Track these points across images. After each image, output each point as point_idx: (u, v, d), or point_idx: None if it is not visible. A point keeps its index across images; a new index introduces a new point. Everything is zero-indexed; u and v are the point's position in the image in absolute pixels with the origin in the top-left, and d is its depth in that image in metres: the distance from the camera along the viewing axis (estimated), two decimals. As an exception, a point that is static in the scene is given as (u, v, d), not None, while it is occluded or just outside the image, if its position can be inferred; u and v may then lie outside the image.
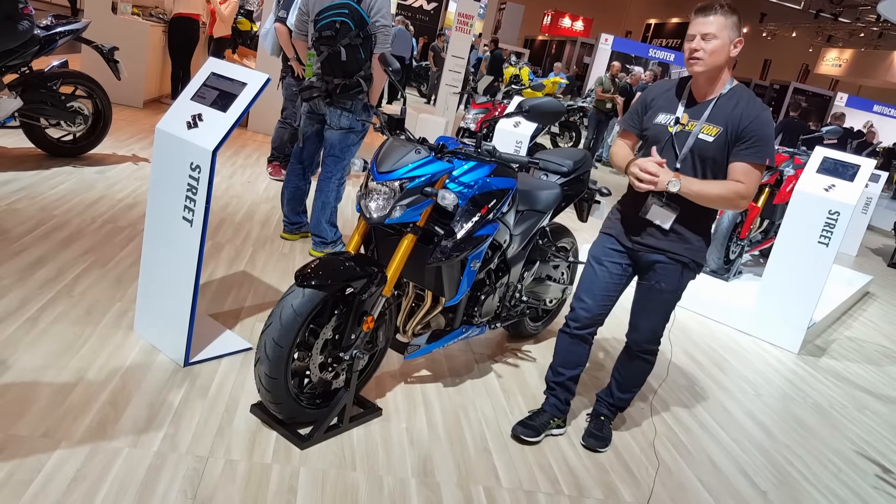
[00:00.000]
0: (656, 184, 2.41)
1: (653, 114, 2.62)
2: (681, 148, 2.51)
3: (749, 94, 2.52)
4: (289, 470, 2.28)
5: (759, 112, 2.44)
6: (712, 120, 2.48)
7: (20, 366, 2.52)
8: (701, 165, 2.50)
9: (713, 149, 2.47)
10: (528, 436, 2.76)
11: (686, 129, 2.52)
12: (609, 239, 2.73)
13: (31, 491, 1.95)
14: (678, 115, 2.55)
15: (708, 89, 2.53)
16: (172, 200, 2.63)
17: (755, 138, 2.42)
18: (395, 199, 2.42)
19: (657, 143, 2.57)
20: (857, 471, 3.20)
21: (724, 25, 2.41)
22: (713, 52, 2.42)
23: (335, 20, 3.67)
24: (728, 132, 2.44)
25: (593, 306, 2.71)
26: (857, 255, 8.69)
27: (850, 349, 4.95)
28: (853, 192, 4.32)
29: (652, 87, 2.75)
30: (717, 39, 2.41)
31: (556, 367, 2.85)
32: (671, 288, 2.64)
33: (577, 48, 23.17)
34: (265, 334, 2.30)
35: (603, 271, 2.70)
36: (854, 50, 24.07)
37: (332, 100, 3.91)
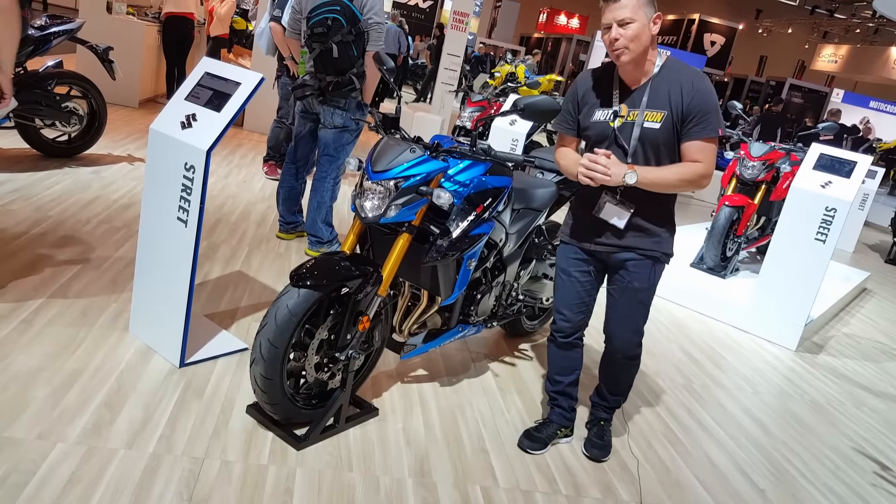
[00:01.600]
0: (610, 177, 2.27)
1: (588, 111, 2.47)
2: (628, 141, 2.38)
3: (681, 66, 2.38)
4: (285, 471, 2.27)
5: (698, 85, 2.31)
6: (652, 105, 2.34)
7: (15, 367, 2.51)
8: (654, 154, 2.38)
9: (662, 135, 2.34)
10: (534, 449, 2.71)
11: (628, 121, 2.37)
12: (570, 248, 2.62)
13: (26, 493, 1.95)
14: (615, 108, 2.40)
15: (637, 74, 2.38)
16: (167, 201, 2.62)
17: (701, 112, 2.29)
18: (391, 198, 2.41)
19: (601, 143, 2.44)
20: (855, 468, 3.20)
21: (637, 6, 2.24)
22: (635, 38, 2.26)
23: (327, 17, 3.66)
24: (673, 114, 2.31)
25: (572, 316, 2.65)
26: (855, 251, 8.70)
27: (848, 346, 4.95)
28: (850, 188, 4.32)
29: (577, 82, 2.56)
30: (635, 22, 2.25)
31: (552, 377, 2.80)
32: (645, 285, 2.52)
33: (573, 46, 23.15)
34: (260, 335, 2.29)
35: (572, 281, 2.61)
36: (850, 46, 24.08)
37: (325, 98, 3.90)
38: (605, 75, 2.49)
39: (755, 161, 5.36)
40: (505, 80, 10.91)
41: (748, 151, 5.44)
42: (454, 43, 9.73)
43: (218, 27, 8.50)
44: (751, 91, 21.95)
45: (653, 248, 2.49)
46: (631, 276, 2.52)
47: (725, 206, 5.24)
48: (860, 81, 24.36)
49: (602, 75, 2.51)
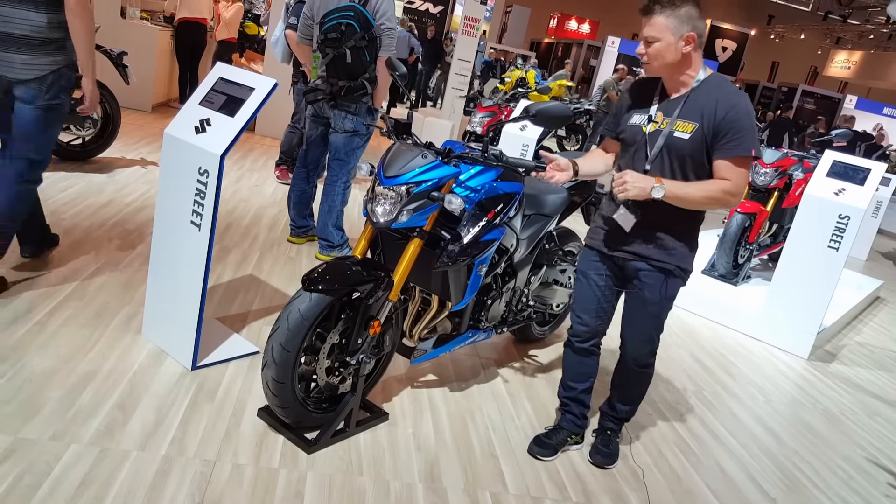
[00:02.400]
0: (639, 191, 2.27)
1: (628, 115, 2.52)
2: (651, 148, 2.40)
3: (722, 82, 2.39)
4: (296, 474, 2.27)
5: (735, 101, 2.30)
6: (685, 116, 2.35)
7: (29, 368, 2.53)
8: (679, 165, 2.38)
9: (689, 146, 2.34)
10: (544, 455, 2.71)
11: (660, 128, 2.40)
12: (591, 251, 2.63)
13: (39, 494, 1.96)
14: (651, 113, 2.44)
15: (676, 84, 2.41)
16: (180, 204, 2.63)
17: (734, 130, 2.28)
18: (402, 203, 2.42)
19: (631, 146, 2.47)
20: (868, 478, 3.18)
21: (664, 26, 2.29)
22: (657, 55, 2.32)
23: (340, 22, 3.67)
24: (704, 127, 2.31)
25: (590, 321, 2.65)
26: (868, 259, 8.63)
27: (861, 354, 4.92)
28: (864, 195, 4.29)
29: (629, 88, 2.64)
30: (659, 42, 2.31)
31: (566, 382, 2.79)
32: (655, 298, 2.51)
33: (584, 51, 23.15)
34: (272, 338, 2.30)
35: (592, 285, 2.62)
36: (863, 52, 23.94)
37: (336, 102, 3.92)
38: (653, 82, 2.52)
39: (768, 168, 5.34)
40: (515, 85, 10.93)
41: (760, 158, 5.41)
42: (465, 48, 9.75)
43: (224, 31, 8.53)
44: (763, 97, 21.87)
45: (666, 260, 2.47)
46: (642, 286, 2.52)
47: (737, 212, 5.21)
48: (874, 88, 24.21)
49: (650, 82, 2.54)
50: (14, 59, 2.81)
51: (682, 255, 2.49)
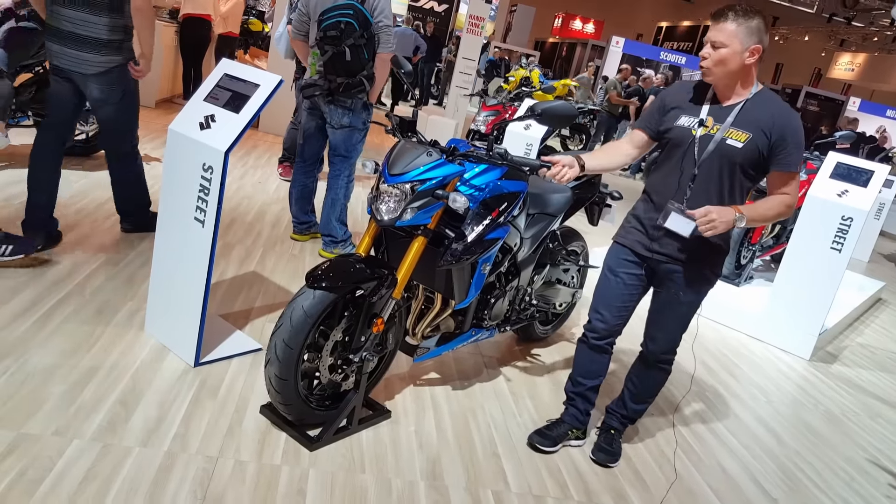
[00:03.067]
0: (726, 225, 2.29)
1: (674, 115, 2.51)
2: (701, 153, 2.42)
3: (777, 99, 2.44)
4: (298, 471, 2.28)
5: (792, 119, 2.36)
6: (739, 125, 2.38)
7: (32, 364, 2.54)
8: (728, 172, 2.41)
9: (741, 155, 2.37)
10: (543, 445, 2.74)
11: (710, 133, 2.42)
12: (623, 249, 2.64)
13: (42, 489, 1.96)
14: (702, 117, 2.45)
15: (729, 93, 2.44)
16: (184, 201, 2.64)
17: (792, 145, 2.34)
18: (407, 201, 2.42)
19: (679, 147, 2.47)
20: (869, 479, 3.18)
21: (734, 34, 2.31)
22: (720, 62, 2.35)
23: (340, 21, 3.69)
24: (758, 140, 2.35)
25: (610, 318, 2.66)
26: (870, 260, 8.62)
27: (863, 356, 4.91)
28: (867, 197, 4.29)
29: (672, 88, 2.65)
30: (726, 48, 2.33)
31: (575, 378, 2.81)
32: (690, 299, 2.57)
33: (588, 51, 23.12)
34: (275, 335, 2.30)
35: (618, 282, 2.63)
36: (867, 54, 23.90)
37: (332, 98, 3.94)
38: (703, 85, 2.52)
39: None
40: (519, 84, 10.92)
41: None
42: (469, 47, 9.74)
43: (221, 25, 8.50)
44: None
45: (704, 265, 2.53)
46: (678, 289, 2.55)
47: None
48: (877, 90, 24.17)
49: (699, 85, 2.54)
50: (84, 56, 3.28)
51: (716, 260, 2.56)
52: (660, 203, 2.51)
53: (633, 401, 2.82)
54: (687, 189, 2.45)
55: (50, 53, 3.34)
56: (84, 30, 3.23)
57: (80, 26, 3.22)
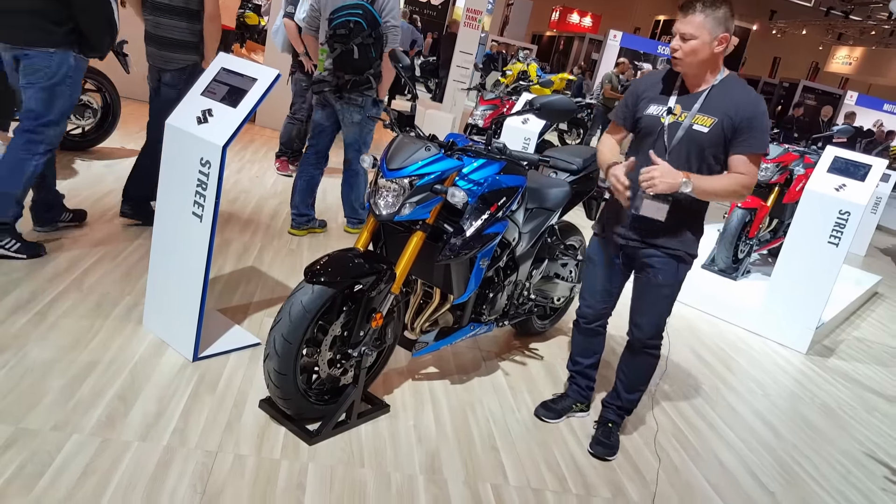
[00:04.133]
0: (668, 186, 2.35)
1: (644, 105, 2.60)
2: (671, 139, 2.49)
3: (742, 83, 2.51)
4: (297, 466, 2.28)
5: (755, 103, 2.43)
6: (706, 110, 2.46)
7: (30, 358, 2.53)
8: (696, 156, 2.47)
9: (707, 139, 2.44)
10: (548, 417, 2.93)
11: (679, 120, 2.49)
12: (602, 239, 2.76)
13: (41, 484, 1.97)
14: (670, 105, 2.52)
15: (698, 81, 2.51)
16: (182, 196, 2.63)
17: (753, 129, 2.41)
18: (405, 196, 2.42)
19: (650, 136, 2.55)
20: (865, 472, 3.19)
21: (702, 25, 2.37)
22: (690, 52, 2.40)
23: (349, 20, 3.81)
24: (724, 124, 2.42)
25: (595, 304, 2.82)
26: (866, 255, 8.64)
27: (859, 350, 4.93)
28: (864, 191, 4.30)
29: (642, 79, 2.73)
30: (696, 39, 2.38)
31: (574, 358, 2.99)
32: (669, 282, 2.63)
33: (586, 44, 23.09)
34: (274, 330, 2.30)
35: (599, 270, 2.76)
36: (865, 48, 23.90)
37: (342, 95, 4.06)
38: (671, 75, 2.60)
39: (769, 163, 5.34)
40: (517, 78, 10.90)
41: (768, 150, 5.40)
42: (466, 41, 9.71)
43: None
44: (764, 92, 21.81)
45: (678, 247, 2.58)
46: (655, 273, 2.62)
47: (738, 207, 5.22)
48: (874, 84, 24.19)
49: (667, 75, 2.62)
50: (168, 56, 3.81)
51: (691, 242, 2.62)
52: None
53: (626, 390, 2.87)
54: None
55: (147, 53, 3.92)
56: (170, 33, 3.79)
57: (167, 30, 3.79)
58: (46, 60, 3.17)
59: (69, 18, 3.17)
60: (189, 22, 3.76)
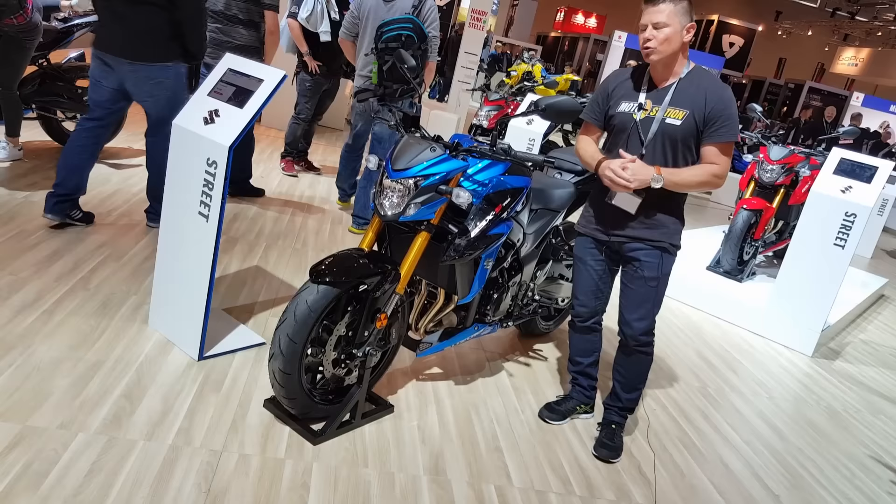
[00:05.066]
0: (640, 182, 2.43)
1: (615, 103, 2.63)
2: (646, 134, 2.53)
3: (708, 74, 2.55)
4: (301, 465, 2.29)
5: (722, 92, 2.47)
6: (676, 103, 2.50)
7: (37, 357, 2.55)
8: (671, 149, 2.52)
9: (681, 132, 2.49)
10: (553, 419, 2.93)
11: (651, 115, 2.53)
12: (586, 238, 2.78)
13: (48, 482, 1.98)
14: (641, 101, 2.56)
15: (666, 74, 2.55)
16: (188, 196, 2.64)
17: (723, 118, 2.45)
18: (410, 196, 2.42)
19: (623, 132, 2.59)
20: (871, 476, 3.18)
21: (674, 12, 2.43)
22: (665, 40, 2.44)
23: (401, 34, 4.15)
24: (695, 115, 2.46)
25: (587, 302, 2.83)
26: (872, 257, 8.61)
27: (865, 352, 4.91)
28: (871, 193, 4.28)
29: (610, 76, 2.74)
30: (669, 27, 2.43)
31: (573, 358, 2.98)
32: (654, 274, 2.64)
33: (591, 45, 23.05)
34: (279, 330, 2.30)
35: (589, 269, 2.79)
36: (871, 49, 23.82)
37: (385, 101, 4.34)
38: (637, 72, 2.66)
39: (774, 165, 5.33)
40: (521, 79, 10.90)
41: (767, 155, 5.40)
42: (471, 41, 9.72)
43: None
44: (769, 93, 21.75)
45: (661, 238, 2.61)
46: (641, 266, 2.64)
47: (743, 209, 5.21)
48: (881, 85, 24.10)
49: (634, 72, 2.67)
50: None
51: (673, 232, 2.65)
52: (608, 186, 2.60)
53: (624, 390, 2.87)
54: None
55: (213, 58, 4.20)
56: (237, 39, 4.43)
57: (236, 37, 4.41)
58: (164, 72, 3.57)
59: (178, 35, 3.54)
60: (251, 31, 4.36)
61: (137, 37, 3.38)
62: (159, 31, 3.47)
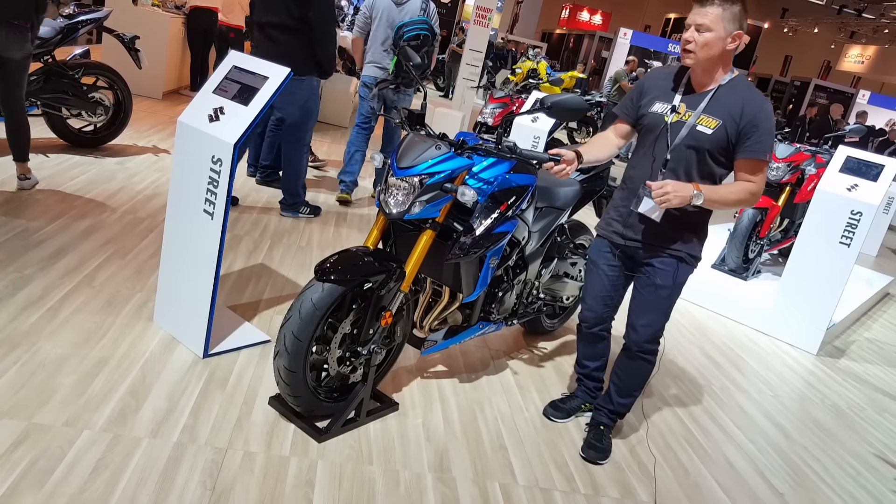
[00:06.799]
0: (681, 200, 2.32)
1: (649, 102, 2.54)
2: (673, 138, 2.44)
3: (749, 85, 2.45)
4: (306, 463, 2.29)
5: (761, 105, 2.37)
6: (710, 111, 2.41)
7: (42, 354, 2.55)
8: (697, 157, 2.43)
9: (710, 141, 2.39)
10: (557, 417, 2.92)
11: (682, 119, 2.44)
12: (603, 241, 2.70)
13: (53, 479, 1.98)
14: (675, 103, 2.47)
15: (706, 79, 2.45)
16: (193, 193, 2.64)
17: (760, 132, 2.35)
18: (415, 194, 2.42)
19: (651, 133, 2.51)
20: (875, 474, 3.17)
21: (720, 17, 2.31)
22: (705, 45, 2.34)
23: (419, 33, 4.81)
24: (728, 126, 2.37)
25: (596, 308, 2.75)
26: (878, 255, 8.58)
27: (870, 351, 4.90)
28: (877, 192, 4.27)
29: (649, 75, 2.67)
30: (711, 32, 2.32)
31: (580, 360, 2.96)
32: (668, 283, 2.56)
33: (596, 42, 23.00)
34: (284, 328, 2.31)
35: (601, 274, 2.70)
36: (877, 46, 23.70)
37: (399, 89, 5.09)
38: (679, 73, 2.55)
39: (780, 163, 5.31)
40: (526, 76, 10.88)
41: (773, 153, 5.38)
42: (476, 39, 9.70)
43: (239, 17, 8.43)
44: (775, 91, 21.68)
45: (679, 249, 2.53)
46: (654, 273, 2.57)
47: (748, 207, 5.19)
48: (887, 83, 23.99)
49: (673, 72, 2.57)
50: None
51: (694, 244, 2.57)
52: (633, 190, 2.55)
53: (619, 394, 2.80)
54: (658, 174, 2.47)
55: None
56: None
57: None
58: (300, 85, 4.22)
59: (313, 54, 4.22)
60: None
61: (282, 56, 3.80)
62: (299, 50, 4.15)
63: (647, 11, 27.77)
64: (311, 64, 4.26)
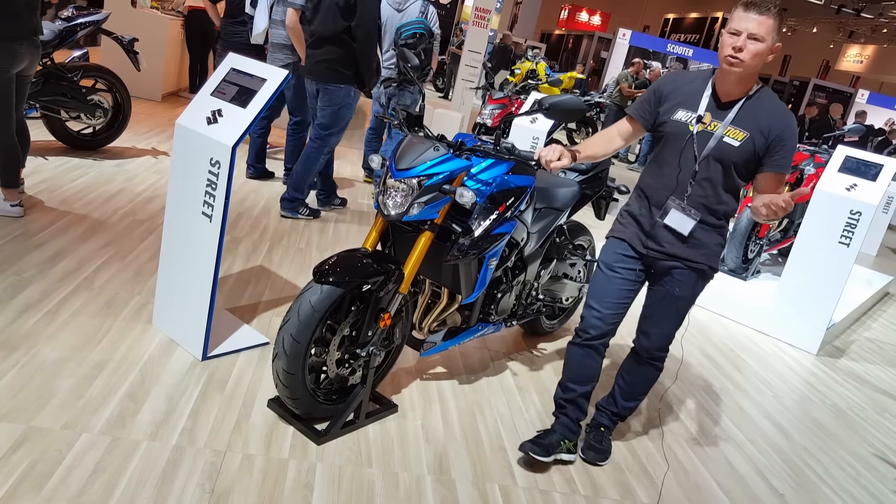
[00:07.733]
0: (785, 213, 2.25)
1: (671, 108, 2.45)
2: (701, 149, 2.38)
3: (774, 97, 2.41)
4: (305, 465, 2.29)
5: (787, 120, 2.34)
6: (738, 123, 2.35)
7: (41, 357, 2.55)
8: (723, 169, 2.38)
9: (737, 154, 2.35)
10: (537, 454, 2.53)
11: (708, 130, 2.37)
12: (620, 244, 2.58)
13: (52, 482, 1.98)
14: (700, 113, 2.39)
15: (737, 90, 2.38)
16: (192, 195, 2.64)
17: (786, 148, 2.33)
18: (413, 196, 2.42)
19: (675, 143, 2.43)
20: (876, 474, 3.17)
21: (773, 28, 2.25)
22: (756, 55, 2.26)
23: (416, 31, 5.12)
24: (755, 139, 2.32)
25: (607, 315, 2.56)
26: (877, 254, 8.57)
27: (870, 351, 4.90)
28: (876, 191, 4.26)
29: (667, 79, 2.54)
30: (763, 43, 2.25)
31: (565, 384, 2.68)
32: (686, 294, 2.53)
33: (595, 43, 23.01)
34: (283, 330, 2.30)
35: (616, 278, 2.55)
36: (876, 46, 23.71)
37: (402, 86, 5.34)
38: (700, 80, 2.47)
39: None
40: (525, 77, 10.88)
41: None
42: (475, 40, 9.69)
43: None
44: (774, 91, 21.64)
45: (702, 260, 2.50)
46: (674, 284, 2.53)
47: (748, 207, 5.19)
48: (886, 82, 23.99)
49: (696, 79, 2.49)
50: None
51: (715, 254, 2.53)
52: (654, 198, 2.49)
53: (624, 398, 2.77)
54: (688, 186, 2.42)
55: None
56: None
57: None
58: (337, 92, 4.52)
59: (353, 65, 4.47)
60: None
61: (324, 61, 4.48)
62: (341, 58, 4.45)
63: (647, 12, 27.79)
64: (352, 74, 4.50)
